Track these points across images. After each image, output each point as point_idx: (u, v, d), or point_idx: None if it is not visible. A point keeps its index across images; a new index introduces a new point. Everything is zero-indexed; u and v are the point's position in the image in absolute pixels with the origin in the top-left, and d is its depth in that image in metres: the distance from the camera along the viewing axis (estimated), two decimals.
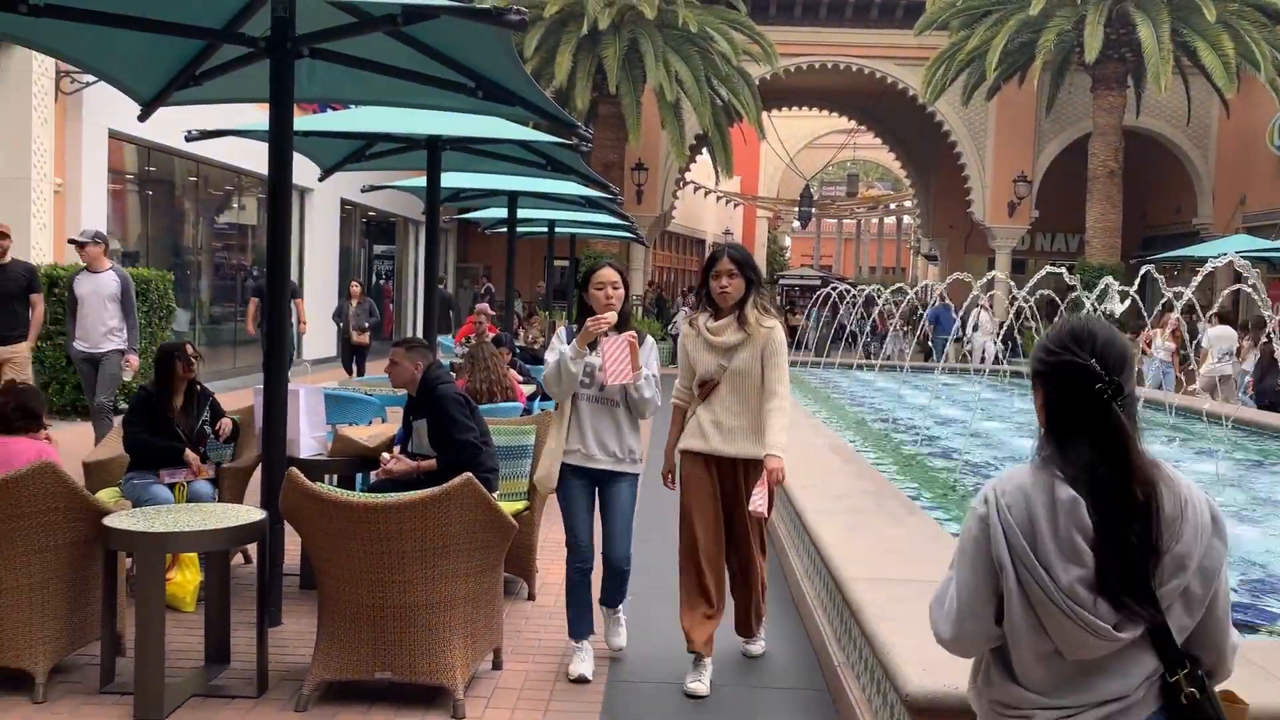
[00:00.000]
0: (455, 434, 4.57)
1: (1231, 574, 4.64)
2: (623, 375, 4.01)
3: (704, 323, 4.23)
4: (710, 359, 4.19)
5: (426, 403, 4.71)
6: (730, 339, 4.15)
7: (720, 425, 4.18)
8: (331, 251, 19.54)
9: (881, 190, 51.17)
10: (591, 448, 4.18)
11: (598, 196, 11.08)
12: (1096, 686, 1.80)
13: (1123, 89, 21.94)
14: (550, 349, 4.21)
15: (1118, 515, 1.77)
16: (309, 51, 4.82)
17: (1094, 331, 1.88)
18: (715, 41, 21.03)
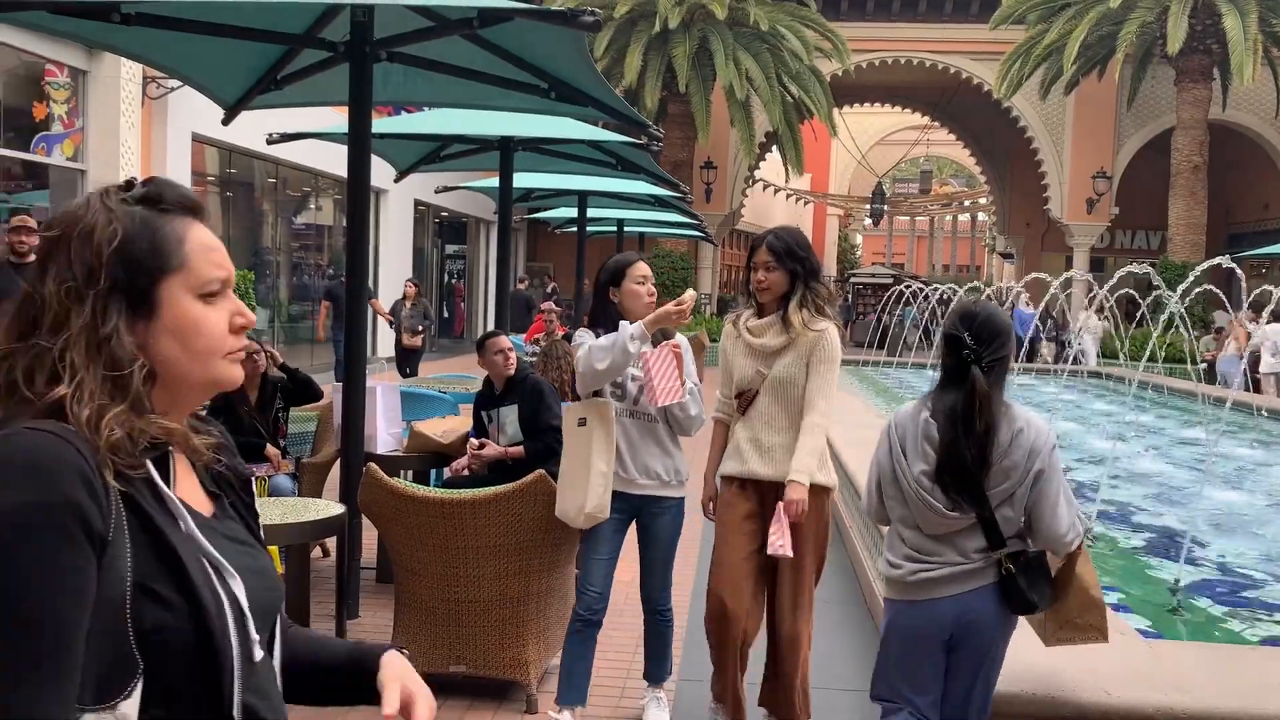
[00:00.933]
0: (550, 419, 4.72)
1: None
2: (673, 394, 3.40)
3: (745, 322, 3.56)
4: (749, 365, 3.51)
5: (519, 390, 4.87)
6: (771, 341, 3.45)
7: (759, 443, 3.47)
8: (405, 251, 19.86)
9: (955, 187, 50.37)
10: (632, 470, 3.56)
11: (667, 195, 11.10)
12: (944, 553, 2.74)
13: (1208, 81, 21.30)
14: (579, 338, 3.57)
15: (959, 435, 2.67)
16: (386, 55, 4.91)
17: (976, 313, 2.77)
18: (786, 39, 20.91)
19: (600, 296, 3.62)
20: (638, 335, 3.34)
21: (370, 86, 4.86)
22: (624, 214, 14.06)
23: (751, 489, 3.52)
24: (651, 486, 3.60)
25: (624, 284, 3.57)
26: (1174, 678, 3.01)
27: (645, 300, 3.56)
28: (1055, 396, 13.72)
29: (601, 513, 3.47)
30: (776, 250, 3.46)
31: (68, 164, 10.98)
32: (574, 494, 3.51)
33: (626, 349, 3.33)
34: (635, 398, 3.57)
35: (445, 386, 7.76)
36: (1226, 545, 5.97)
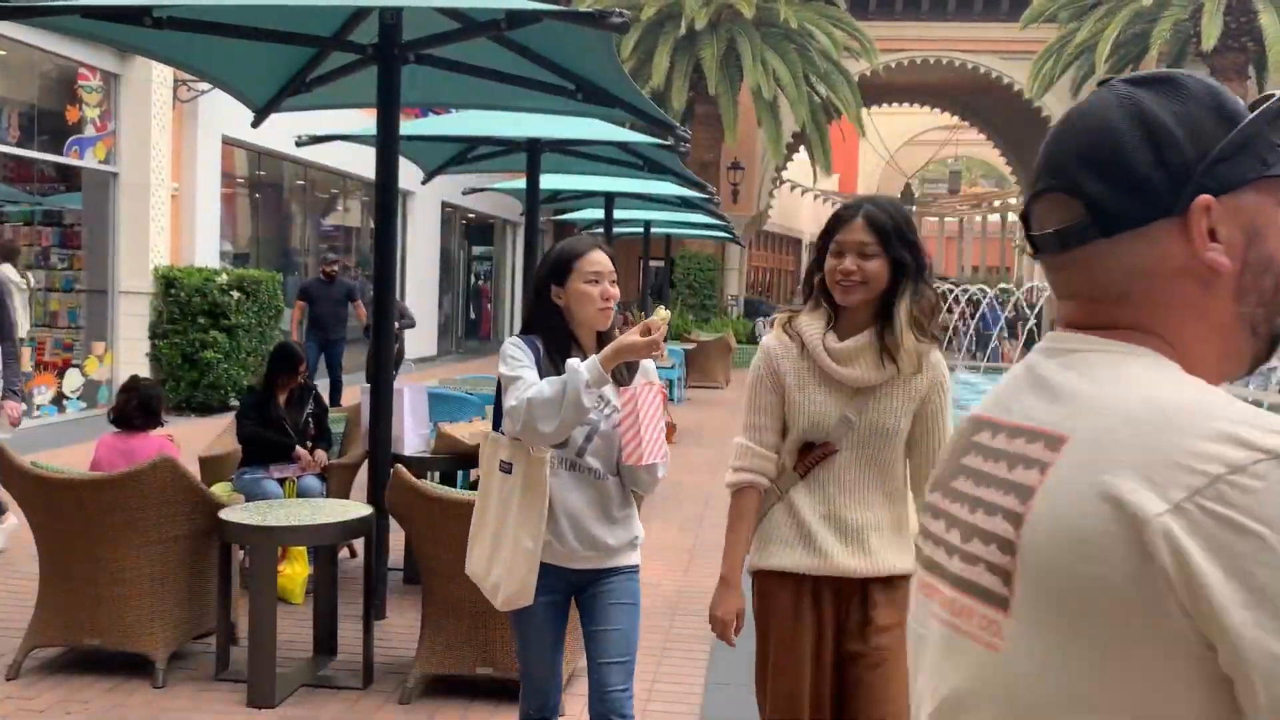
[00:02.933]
0: None
1: None
2: (657, 449, 2.58)
3: (821, 337, 2.40)
4: (828, 405, 2.39)
5: None
6: (867, 373, 2.37)
7: (842, 523, 2.40)
8: (432, 253, 19.94)
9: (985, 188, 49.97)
10: (571, 541, 2.65)
11: (694, 197, 11.08)
12: None
13: (1243, 80, 21.01)
14: (509, 362, 2.61)
15: None
16: (414, 57, 4.92)
17: None
18: (814, 38, 20.83)
19: (539, 295, 2.69)
20: (594, 381, 2.45)
21: (399, 88, 4.87)
22: (651, 215, 14.05)
23: (827, 591, 2.43)
24: (595, 559, 2.69)
25: (569, 282, 2.64)
26: None
27: (599, 306, 2.63)
28: None
29: (523, 598, 2.61)
30: (881, 227, 2.34)
31: (100, 167, 11.10)
32: (484, 557, 2.69)
33: (580, 404, 2.44)
34: (581, 447, 2.63)
35: (473, 388, 7.77)
36: None
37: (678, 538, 6.61)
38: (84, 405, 10.89)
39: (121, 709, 3.76)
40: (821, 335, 2.41)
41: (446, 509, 3.75)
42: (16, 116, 10.28)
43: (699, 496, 7.93)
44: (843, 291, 2.37)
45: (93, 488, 3.89)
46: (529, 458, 2.58)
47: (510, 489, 2.63)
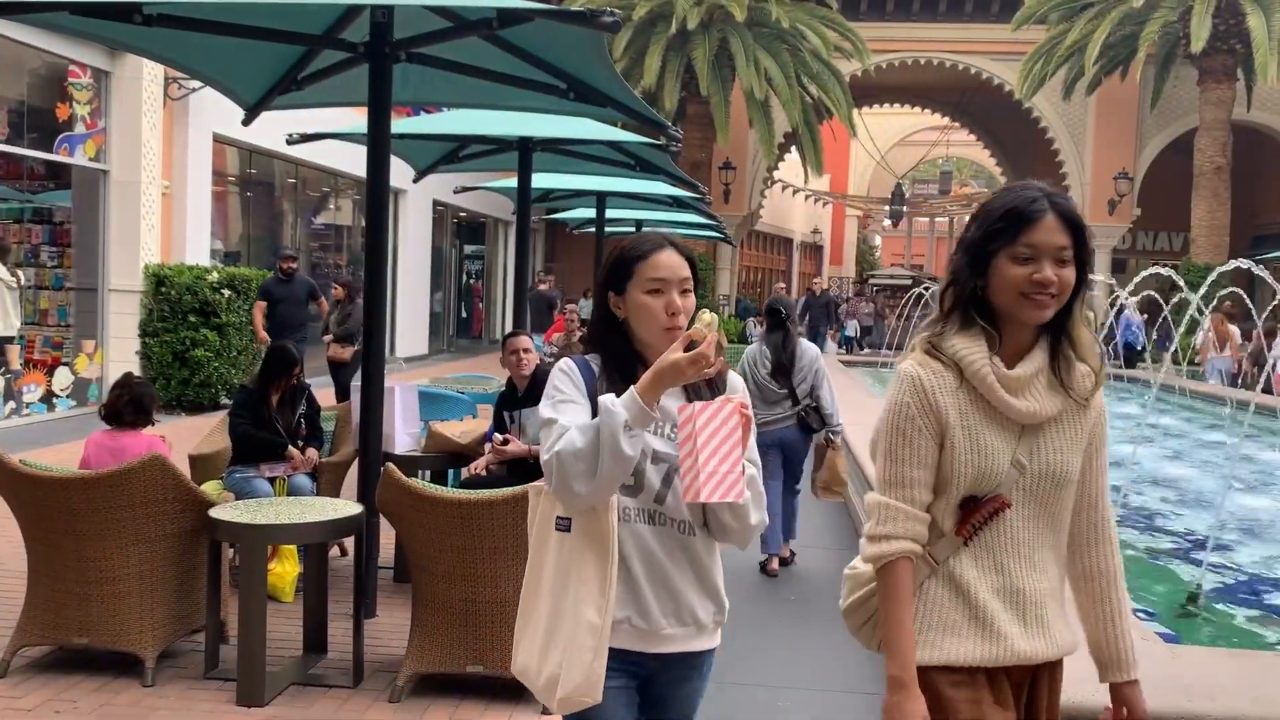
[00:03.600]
0: None
1: None
2: (731, 486, 1.92)
3: (989, 363, 1.90)
4: (999, 447, 1.91)
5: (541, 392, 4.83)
6: (1043, 404, 1.92)
7: (1017, 596, 1.93)
8: (424, 251, 19.92)
9: (976, 188, 50.08)
10: (654, 614, 2.07)
11: (685, 196, 11.08)
12: (774, 411, 5.74)
13: (1231, 81, 21.11)
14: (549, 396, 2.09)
15: (780, 354, 5.79)
16: (406, 56, 4.92)
17: (782, 298, 6.28)
18: (806, 38, 20.85)
19: (598, 304, 2.18)
20: (636, 421, 1.93)
21: (390, 87, 4.87)
22: (642, 215, 14.04)
23: (1006, 684, 1.95)
24: (683, 637, 2.11)
25: (629, 289, 2.10)
26: (1199, 684, 2.98)
27: (664, 324, 2.07)
28: None
29: (589, 693, 1.99)
30: (1076, 225, 1.90)
31: (90, 164, 11.06)
32: (537, 647, 2.07)
33: (621, 454, 1.92)
34: (660, 492, 2.08)
35: (463, 387, 7.77)
36: (1249, 550, 5.91)
37: None
38: (73, 403, 10.86)
39: (110, 708, 3.76)
40: (988, 361, 1.89)
41: (437, 508, 3.75)
42: (6, 114, 10.24)
43: None
44: (1034, 307, 1.87)
45: (82, 486, 3.89)
46: (594, 516, 2.01)
47: (570, 552, 2.04)
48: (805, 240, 41.36)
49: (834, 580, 5.57)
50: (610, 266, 2.13)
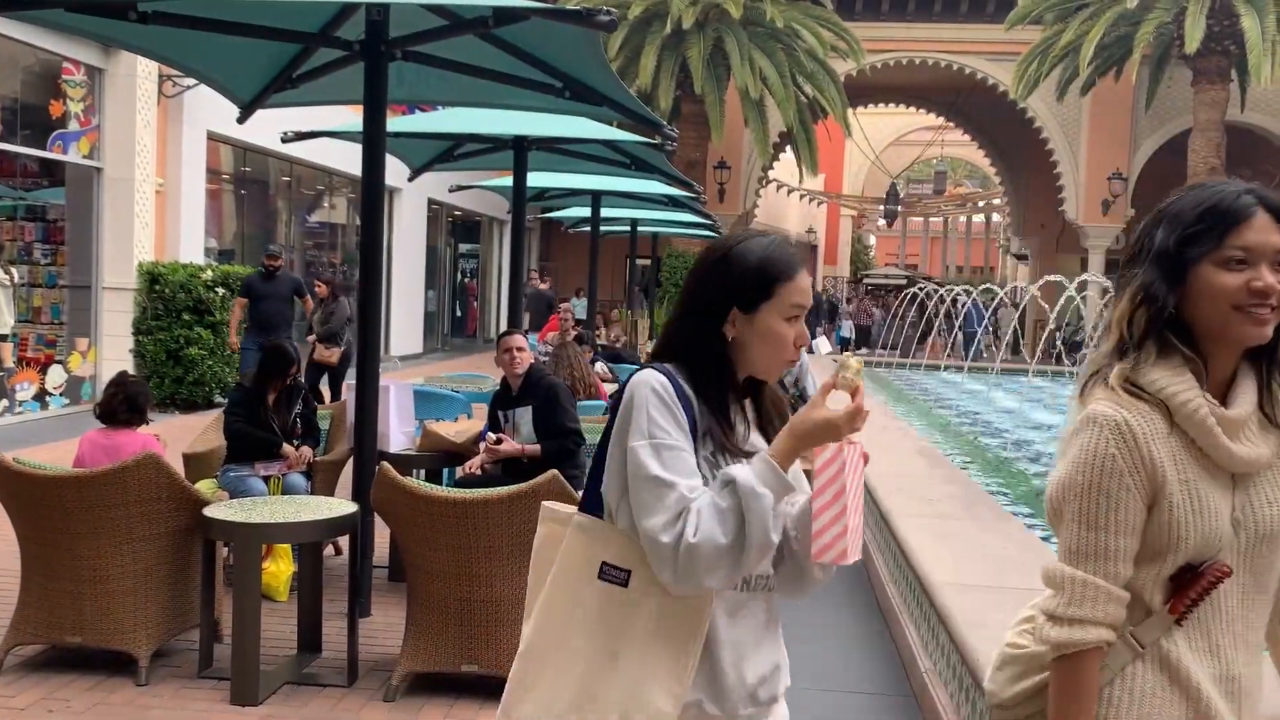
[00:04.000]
0: (566, 422, 4.73)
1: None
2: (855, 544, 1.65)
3: (1205, 402, 1.56)
4: (1220, 503, 1.58)
5: (535, 392, 4.87)
6: (1260, 448, 1.60)
7: (1235, 685, 1.60)
8: (418, 250, 19.90)
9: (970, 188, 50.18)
10: (734, 689, 1.71)
11: (681, 196, 11.08)
12: None
13: (1225, 82, 21.15)
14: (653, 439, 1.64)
15: None
16: (401, 54, 4.91)
17: None
18: (801, 38, 20.86)
19: (706, 314, 1.75)
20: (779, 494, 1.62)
21: (385, 85, 4.86)
22: (637, 214, 14.05)
23: None
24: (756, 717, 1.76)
25: (764, 310, 1.72)
26: None
27: (789, 356, 1.74)
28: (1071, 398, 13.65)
29: None
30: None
31: (83, 161, 11.03)
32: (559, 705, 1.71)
33: (769, 544, 1.62)
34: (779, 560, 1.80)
35: (458, 385, 7.77)
36: None
37: None
38: (67, 401, 10.82)
39: (103, 707, 3.74)
40: (1203, 398, 1.55)
41: (431, 507, 3.74)
42: (0, 111, 10.21)
43: None
44: (1252, 323, 1.54)
45: (76, 484, 3.87)
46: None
47: (626, 613, 1.67)
48: (801, 239, 41.41)
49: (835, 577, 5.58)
50: (741, 278, 1.72)
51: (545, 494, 3.70)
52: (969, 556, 4.45)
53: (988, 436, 10.60)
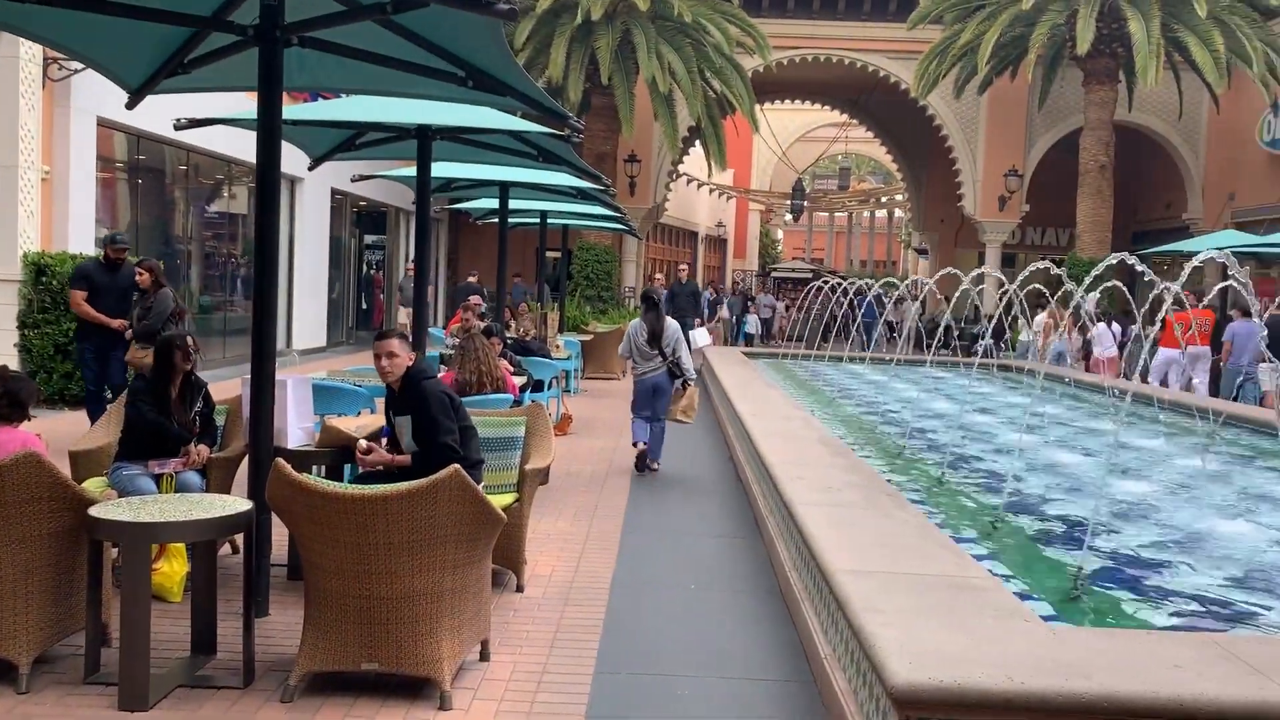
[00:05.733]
0: (436, 435, 4.54)
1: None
2: None
3: None
4: None
5: (411, 399, 4.69)
6: None
7: None
8: (322, 241, 19.47)
9: (873, 184, 51.19)
10: None
11: (590, 188, 11.07)
12: (651, 364, 8.49)
13: (1114, 83, 21.98)
14: None
15: (654, 327, 8.54)
16: (298, 40, 4.79)
17: (653, 289, 9.75)
18: (708, 33, 21.00)
19: None
20: None
21: (280, 71, 4.74)
22: (546, 205, 13.99)
23: None
24: None
25: None
26: (1077, 662, 3.09)
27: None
28: (967, 388, 14.04)
29: None
30: None
31: None
32: None
33: None
34: None
35: (362, 380, 7.62)
36: (1128, 532, 6.17)
37: (569, 528, 6.61)
38: None
39: None
40: None
41: (328, 503, 3.67)
42: None
43: (592, 487, 7.95)
44: None
45: None
46: None
47: None
48: (710, 233, 41.71)
49: (732, 565, 5.65)
50: None
51: (445, 489, 3.67)
52: (867, 543, 4.55)
53: (887, 425, 10.83)
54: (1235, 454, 9.44)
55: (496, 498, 4.95)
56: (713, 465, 9.21)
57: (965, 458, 8.81)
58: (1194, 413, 10.40)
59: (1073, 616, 4.62)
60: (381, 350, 4.70)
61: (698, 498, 7.82)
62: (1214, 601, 4.94)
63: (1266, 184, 22.78)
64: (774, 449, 7.05)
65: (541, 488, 7.44)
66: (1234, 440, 10.12)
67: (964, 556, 4.50)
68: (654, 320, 8.48)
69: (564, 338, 14.73)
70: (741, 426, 8.72)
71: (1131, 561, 5.58)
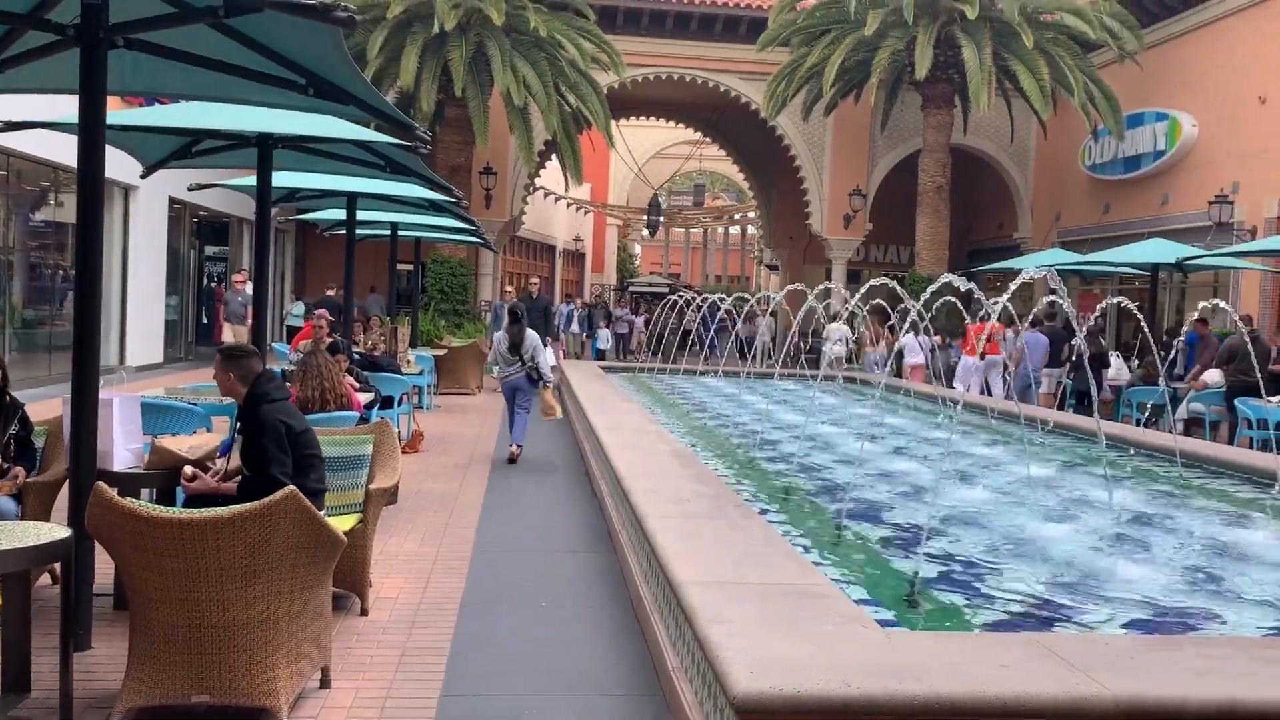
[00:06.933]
0: (266, 466, 4.35)
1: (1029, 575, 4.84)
2: None
3: None
4: None
5: (249, 423, 4.50)
6: None
7: None
8: (159, 252, 18.58)
9: (727, 201, 52.28)
10: None
11: (441, 200, 10.91)
12: (513, 369, 9.98)
13: (951, 108, 23.07)
14: None
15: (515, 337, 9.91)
16: (124, 42, 4.56)
17: (518, 304, 10.97)
18: (564, 48, 21.04)
19: None
20: None
21: (104, 75, 4.50)
22: (397, 217, 13.72)
23: None
24: None
25: None
26: (910, 666, 3.21)
27: None
28: (812, 400, 14.45)
29: None
30: None
31: None
32: None
33: None
34: None
35: (198, 397, 7.29)
36: (961, 538, 6.45)
37: (417, 548, 6.47)
38: None
39: None
40: None
41: (153, 529, 3.48)
42: None
43: (443, 506, 7.81)
44: None
45: None
46: None
47: None
48: (568, 247, 41.74)
49: (585, 580, 5.63)
50: None
51: (280, 512, 3.53)
52: (713, 554, 4.61)
53: (738, 437, 11.04)
54: (1063, 460, 10.01)
55: (340, 519, 4.81)
56: (569, 481, 9.19)
57: (809, 468, 9.06)
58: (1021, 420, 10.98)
59: (910, 621, 4.79)
60: (215, 368, 4.54)
61: (552, 513, 7.78)
62: (1038, 601, 5.21)
63: (1088, 206, 24.35)
64: (627, 462, 7.08)
65: (390, 507, 7.27)
66: (1062, 447, 10.74)
67: (807, 565, 4.61)
68: (516, 332, 9.90)
69: (416, 352, 14.47)
70: (596, 440, 8.73)
71: (963, 567, 5.83)
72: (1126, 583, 5.50)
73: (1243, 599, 5.36)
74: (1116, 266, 17.92)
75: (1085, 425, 11.24)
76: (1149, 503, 7.85)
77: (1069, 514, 7.32)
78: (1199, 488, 8.60)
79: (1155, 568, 5.87)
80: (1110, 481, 8.00)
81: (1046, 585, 5.46)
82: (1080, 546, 6.34)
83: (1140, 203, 22.39)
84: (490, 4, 19.62)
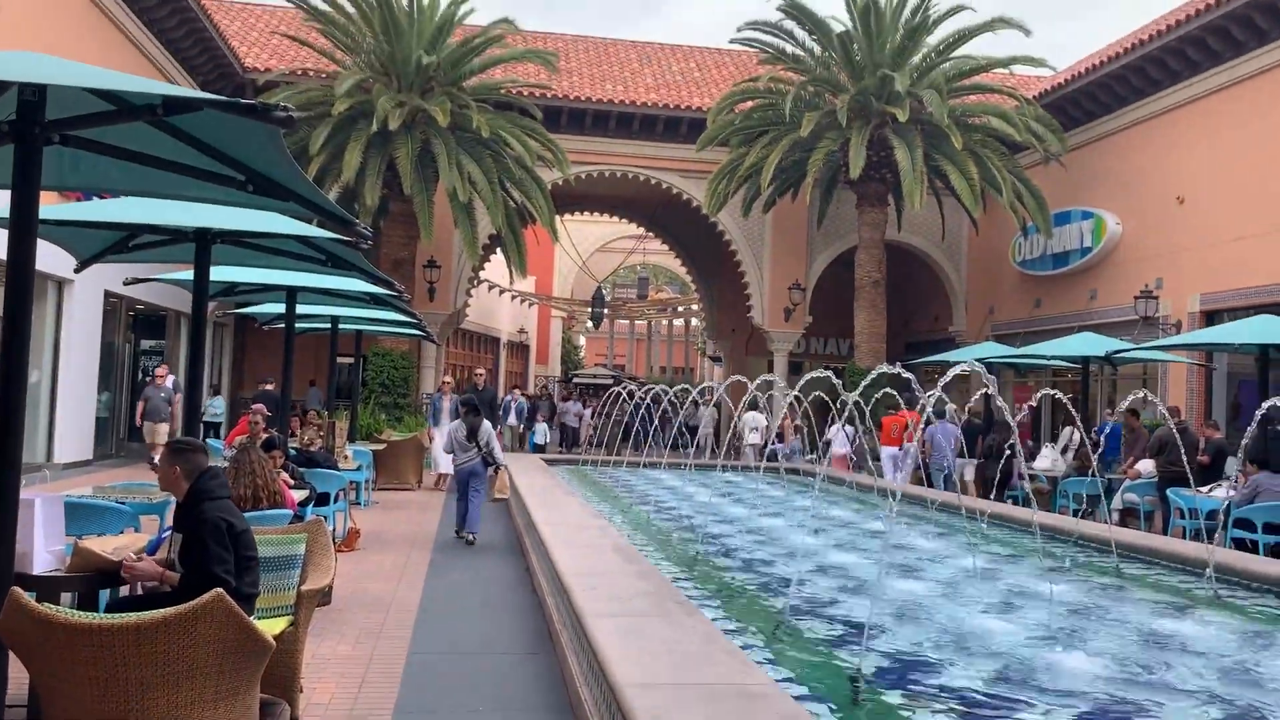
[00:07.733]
0: (207, 564, 4.23)
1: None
2: None
3: None
4: None
5: (188, 519, 4.39)
6: None
7: None
8: (92, 347, 18.23)
9: (671, 293, 52.92)
10: None
11: (382, 294, 10.89)
12: (469, 454, 11.01)
13: (884, 206, 23.77)
14: None
15: (471, 425, 11.00)
16: (60, 138, 4.54)
17: (472, 396, 13.18)
18: (509, 146, 21.38)
19: None
20: None
21: (38, 171, 4.46)
22: (338, 311, 13.66)
23: None
24: None
25: None
26: None
27: None
28: (757, 491, 14.46)
29: None
30: None
31: None
32: None
33: None
34: None
35: (126, 496, 7.10)
36: (904, 633, 6.43)
37: (351, 651, 6.28)
38: None
39: None
40: None
41: (70, 635, 3.35)
42: None
43: (379, 606, 7.62)
44: None
45: None
46: None
47: None
48: (512, 339, 41.80)
49: (524, 684, 5.52)
50: None
51: (206, 616, 3.43)
52: (654, 653, 4.54)
53: (681, 531, 10.98)
54: (1001, 554, 10.08)
55: (270, 622, 4.66)
56: (509, 575, 9.03)
57: (752, 562, 9.01)
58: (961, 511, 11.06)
59: (851, 717, 4.74)
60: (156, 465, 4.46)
61: (491, 613, 7.63)
62: (980, 698, 5.19)
63: (1020, 300, 25.05)
64: (568, 558, 6.99)
65: (323, 609, 7.08)
66: (1001, 539, 10.82)
67: (748, 663, 4.56)
68: (474, 420, 10.99)
69: (354, 447, 14.25)
70: (537, 536, 8.62)
71: (907, 662, 5.80)
72: (1071, 674, 5.51)
73: (1177, 690, 5.40)
74: (1049, 360, 18.38)
75: (1021, 516, 11.37)
76: (1087, 594, 7.92)
77: (1010, 606, 7.36)
78: (1136, 578, 8.71)
79: (1094, 659, 5.90)
80: (1048, 575, 8.07)
81: (985, 680, 5.45)
82: (1019, 640, 6.35)
83: (1070, 298, 23.10)
84: (435, 104, 19.94)
